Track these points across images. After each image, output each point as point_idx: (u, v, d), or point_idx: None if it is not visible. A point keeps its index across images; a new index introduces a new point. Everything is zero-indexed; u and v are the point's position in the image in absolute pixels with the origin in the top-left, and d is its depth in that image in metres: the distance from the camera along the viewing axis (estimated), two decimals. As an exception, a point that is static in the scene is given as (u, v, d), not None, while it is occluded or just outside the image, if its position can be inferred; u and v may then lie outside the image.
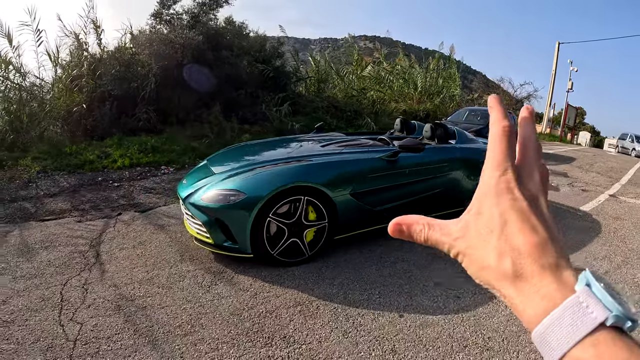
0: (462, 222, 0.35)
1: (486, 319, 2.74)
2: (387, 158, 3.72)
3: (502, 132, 0.36)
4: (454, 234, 0.35)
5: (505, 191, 0.33)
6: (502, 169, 0.34)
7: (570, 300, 0.28)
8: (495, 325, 2.67)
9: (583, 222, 5.19)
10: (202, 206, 3.06)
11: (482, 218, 0.33)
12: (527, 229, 0.31)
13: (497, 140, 0.35)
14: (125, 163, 6.19)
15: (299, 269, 3.18)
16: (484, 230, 0.33)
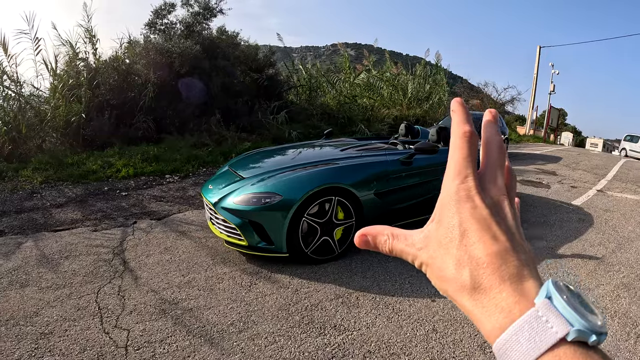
0: (424, 232, 0.34)
1: None
2: (404, 160, 3.85)
3: (462, 137, 0.34)
4: (417, 244, 0.34)
5: (465, 199, 0.31)
6: (462, 176, 0.32)
7: (528, 315, 0.26)
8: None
9: (576, 214, 5.42)
10: (235, 209, 3.09)
11: (442, 227, 0.32)
12: (487, 238, 0.29)
13: (457, 145, 0.34)
14: (130, 172, 6.12)
15: (330, 265, 3.23)
16: (444, 239, 0.31)
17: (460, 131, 0.34)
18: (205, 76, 8.37)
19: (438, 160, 4.16)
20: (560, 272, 3.41)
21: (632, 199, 6.86)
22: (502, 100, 24.96)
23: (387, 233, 0.36)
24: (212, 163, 7.20)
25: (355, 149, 4.16)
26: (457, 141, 0.34)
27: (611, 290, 3.20)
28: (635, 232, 4.84)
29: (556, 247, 4.07)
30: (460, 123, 0.35)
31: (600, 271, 3.56)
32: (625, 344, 2.47)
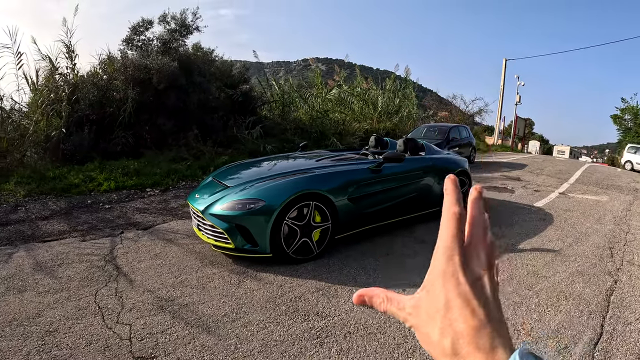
0: (414, 300, 0.37)
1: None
2: (374, 168, 4.23)
3: (452, 217, 0.38)
4: (407, 309, 0.37)
5: (452, 277, 0.35)
6: (450, 254, 0.36)
7: None
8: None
9: (537, 215, 5.94)
10: (222, 215, 3.36)
11: (430, 299, 0.36)
12: (467, 313, 0.33)
13: (447, 225, 0.37)
14: (111, 186, 6.23)
15: (310, 264, 3.54)
16: (431, 310, 0.35)
17: (450, 212, 0.38)
18: (182, 92, 8.56)
19: (404, 168, 4.58)
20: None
21: (592, 199, 7.47)
22: (470, 111, 26.01)
23: (382, 296, 0.40)
24: (191, 177, 7.38)
25: (330, 159, 4.52)
26: (447, 221, 0.38)
27: (567, 277, 3.63)
28: (592, 228, 5.37)
29: (516, 244, 4.51)
30: (452, 204, 0.38)
31: (557, 262, 4.01)
32: (579, 319, 2.89)
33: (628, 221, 5.95)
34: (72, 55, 7.92)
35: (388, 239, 4.40)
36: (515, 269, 3.74)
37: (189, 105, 8.86)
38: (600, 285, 3.50)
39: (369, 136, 11.97)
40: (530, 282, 3.46)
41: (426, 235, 4.66)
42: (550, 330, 2.70)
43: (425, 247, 4.23)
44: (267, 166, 4.45)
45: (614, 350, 2.53)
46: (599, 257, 4.23)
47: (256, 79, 11.98)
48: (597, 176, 11.46)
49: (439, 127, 11.46)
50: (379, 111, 13.71)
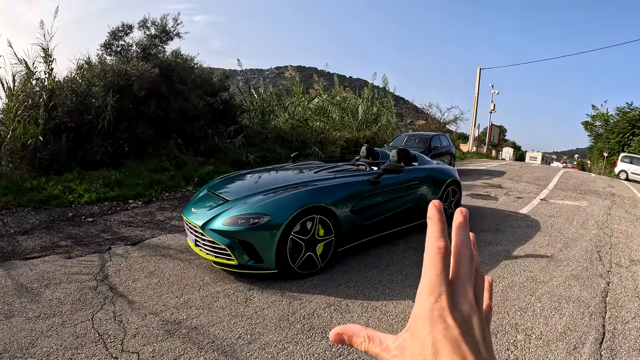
0: (399, 341, 0.35)
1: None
2: (374, 179, 4.20)
3: (437, 253, 0.35)
4: (392, 350, 0.35)
5: (439, 319, 0.33)
6: (436, 294, 0.33)
7: None
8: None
9: (524, 221, 6.10)
10: (224, 230, 3.22)
11: (416, 342, 0.33)
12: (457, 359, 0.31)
13: (432, 261, 0.35)
14: (92, 198, 5.90)
15: (315, 279, 3.44)
16: (417, 355, 0.32)
17: (435, 247, 0.35)
18: (163, 100, 8.27)
19: (402, 179, 4.57)
20: None
21: (572, 204, 7.75)
22: (445, 119, 26.47)
23: (363, 335, 0.37)
24: (175, 188, 7.11)
25: (327, 170, 4.44)
26: (432, 257, 0.35)
27: (563, 281, 3.72)
28: (578, 232, 5.56)
29: (510, 250, 4.59)
30: (435, 238, 0.35)
31: (551, 266, 4.10)
32: (582, 321, 2.95)
33: (610, 225, 6.19)
34: (49, 59, 7.49)
35: (384, 249, 4.37)
36: (515, 276, 3.79)
37: (170, 114, 8.57)
38: (595, 287, 3.61)
39: (350, 145, 12.13)
40: (531, 288, 3.51)
41: (421, 245, 4.64)
42: (558, 334, 2.75)
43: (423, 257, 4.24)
44: (263, 178, 4.34)
45: (618, 348, 2.62)
46: (588, 260, 4.37)
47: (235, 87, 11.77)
48: (574, 182, 11.86)
49: (420, 136, 11.55)
50: (359, 120, 13.75)
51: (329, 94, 14.01)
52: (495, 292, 3.40)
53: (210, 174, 7.34)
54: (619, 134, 28.92)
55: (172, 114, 8.61)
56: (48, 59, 7.47)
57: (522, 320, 2.91)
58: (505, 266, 4.04)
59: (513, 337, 2.68)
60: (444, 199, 5.33)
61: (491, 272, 3.88)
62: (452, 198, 5.54)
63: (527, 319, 2.94)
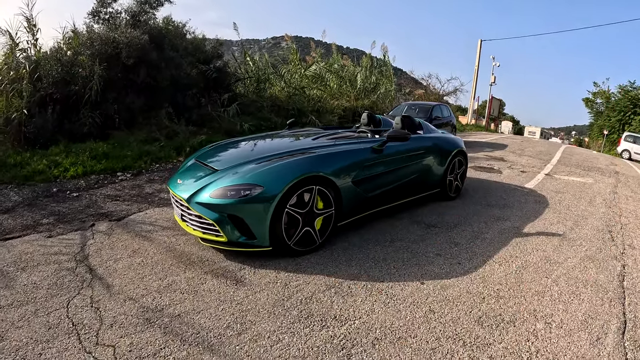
0: None
1: (489, 276, 2.96)
2: (377, 147, 3.77)
3: None
4: None
5: None
6: None
7: None
8: (497, 280, 2.90)
9: (531, 196, 5.77)
10: (212, 204, 2.82)
11: None
12: None
13: None
14: (79, 171, 5.47)
15: (313, 256, 3.09)
16: None
17: None
18: (153, 68, 7.69)
19: (407, 148, 4.16)
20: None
21: (577, 181, 7.45)
22: (445, 91, 25.65)
23: None
24: (166, 159, 6.68)
25: (326, 137, 3.98)
26: None
27: (578, 262, 3.41)
28: (587, 210, 5.25)
29: (520, 227, 4.26)
30: None
31: (564, 246, 3.78)
32: (602, 308, 2.65)
33: (618, 204, 5.88)
34: (33, 29, 6.85)
35: (388, 223, 4.02)
36: (528, 255, 3.47)
37: (161, 82, 7.99)
38: (611, 270, 3.30)
39: (348, 114, 11.59)
40: (546, 269, 3.20)
41: (427, 218, 4.32)
42: (579, 322, 2.44)
43: (429, 232, 3.89)
44: (258, 145, 3.89)
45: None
46: (601, 240, 4.06)
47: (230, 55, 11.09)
48: (577, 158, 11.55)
49: (421, 106, 11.02)
50: (357, 88, 13.08)
51: (327, 62, 13.26)
52: (509, 273, 3.08)
53: (203, 144, 6.86)
54: (620, 112, 28.34)
55: (163, 82, 8.03)
56: (32, 29, 6.83)
57: (541, 306, 2.60)
58: (517, 244, 3.71)
59: (532, 326, 2.36)
60: (450, 170, 4.94)
61: (503, 250, 3.55)
62: (459, 170, 5.15)
63: (545, 304, 2.63)
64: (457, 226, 4.11)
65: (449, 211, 4.65)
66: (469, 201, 5.20)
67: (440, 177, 4.79)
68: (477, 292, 2.70)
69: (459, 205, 4.97)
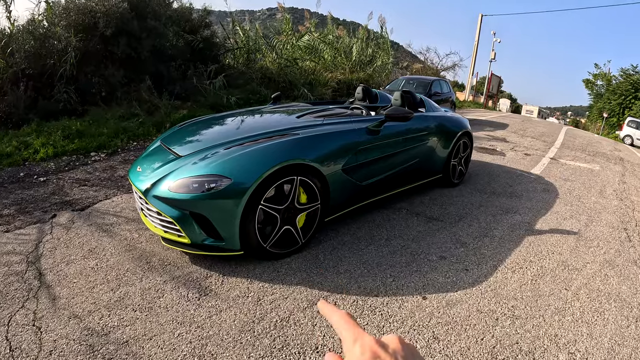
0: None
1: (501, 287, 2.52)
2: (374, 128, 3.23)
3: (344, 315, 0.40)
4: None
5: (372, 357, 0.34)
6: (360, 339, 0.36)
7: None
8: (512, 293, 2.46)
9: (539, 184, 5.32)
10: (171, 198, 2.33)
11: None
12: None
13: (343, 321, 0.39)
14: (49, 153, 4.94)
15: (295, 260, 2.64)
16: None
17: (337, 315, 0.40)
18: (133, 39, 7.00)
19: (408, 128, 3.64)
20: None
21: (584, 167, 7.02)
22: (443, 66, 24.60)
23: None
24: (144, 136, 6.13)
25: (313, 115, 3.42)
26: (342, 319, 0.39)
27: (598, 269, 2.98)
28: (599, 203, 4.83)
29: (532, 222, 3.82)
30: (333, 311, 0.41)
31: (581, 247, 3.36)
32: (627, 330, 2.22)
33: (629, 196, 5.45)
34: (6, 1, 6.15)
35: (383, 216, 3.56)
36: (543, 259, 3.02)
37: (142, 53, 7.33)
38: (632, 279, 2.88)
39: (343, 87, 10.91)
40: (564, 278, 2.77)
41: (427, 209, 3.85)
42: (605, 351, 2.02)
43: (431, 226, 3.43)
44: (232, 125, 3.32)
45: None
46: (618, 241, 3.63)
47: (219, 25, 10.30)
48: (580, 141, 11.10)
49: (419, 80, 10.35)
50: (352, 61, 12.29)
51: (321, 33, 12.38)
52: (524, 283, 2.64)
53: (185, 119, 6.32)
54: (621, 96, 27.52)
55: (144, 53, 7.36)
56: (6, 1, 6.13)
57: (562, 330, 2.17)
58: (530, 245, 3.27)
59: (554, 358, 1.94)
60: (455, 154, 4.43)
61: (515, 252, 3.10)
62: (463, 153, 4.65)
63: (566, 327, 2.21)
64: (462, 219, 3.67)
65: (452, 200, 4.20)
66: (473, 188, 4.74)
67: (443, 162, 4.29)
68: (489, 310, 2.26)
69: (463, 193, 4.52)
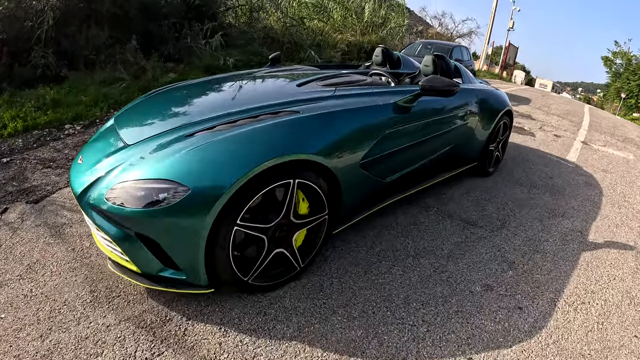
0: None
1: (565, 337, 1.84)
2: (404, 104, 2.34)
3: None
4: None
5: None
6: None
7: None
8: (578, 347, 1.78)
9: (579, 175, 4.56)
10: (110, 211, 1.56)
11: None
12: None
13: None
14: (18, 127, 4.21)
15: (289, 293, 1.93)
16: None
17: None
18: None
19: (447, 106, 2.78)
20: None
21: (618, 156, 6.21)
22: (459, 32, 22.71)
23: None
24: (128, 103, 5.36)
25: (320, 82, 2.46)
26: None
27: None
28: None
29: (584, 231, 3.05)
30: None
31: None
32: None
33: None
34: None
35: (407, 217, 2.81)
36: (606, 289, 2.28)
37: (129, 11, 6.41)
38: None
39: (353, 50, 9.82)
40: (632, 319, 2.04)
41: (461, 209, 3.09)
42: None
43: (469, 236, 2.68)
44: (209, 96, 2.41)
45: None
46: None
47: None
48: (606, 123, 10.10)
49: (439, 45, 9.22)
50: (364, 21, 11.05)
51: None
52: (590, 329, 1.93)
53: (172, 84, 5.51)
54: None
55: (132, 11, 6.45)
56: None
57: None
58: (587, 266, 2.52)
59: None
60: (493, 137, 3.61)
61: (574, 277, 2.37)
62: (502, 136, 3.81)
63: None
64: (505, 225, 2.93)
65: (488, 196, 3.44)
66: (510, 179, 3.97)
67: (481, 147, 3.47)
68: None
69: (499, 185, 3.75)
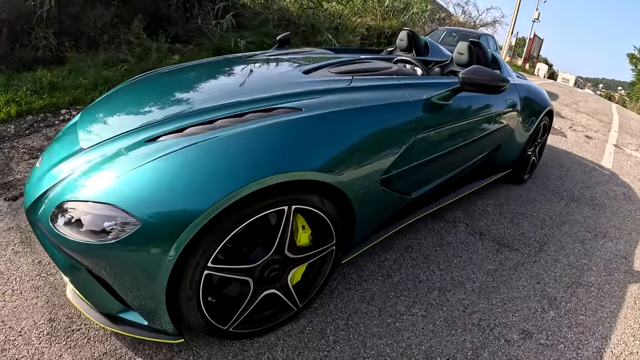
0: None
1: None
2: (439, 101, 1.84)
3: None
4: None
5: None
6: None
7: None
8: None
9: (616, 186, 4.06)
10: (53, 237, 1.20)
11: None
12: None
13: None
14: (12, 112, 3.93)
15: (283, 339, 1.56)
16: None
17: None
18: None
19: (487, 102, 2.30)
20: None
21: None
22: (482, 21, 21.47)
23: None
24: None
25: (333, 69, 1.94)
26: None
27: None
28: None
29: (628, 256, 2.60)
30: None
31: None
32: None
33: None
34: None
35: (432, 235, 2.40)
36: None
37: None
38: None
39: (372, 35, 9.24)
40: None
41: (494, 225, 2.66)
42: None
43: (504, 262, 2.26)
44: (191, 86, 1.87)
45: None
46: None
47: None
48: (635, 125, 9.46)
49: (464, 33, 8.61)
50: (385, 5, 10.36)
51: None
52: None
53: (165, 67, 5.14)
54: None
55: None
56: None
57: None
58: (635, 304, 2.09)
59: None
60: (532, 140, 3.10)
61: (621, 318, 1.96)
62: (540, 139, 3.32)
63: None
64: (544, 248, 2.49)
65: (524, 209, 2.99)
66: (546, 188, 3.51)
67: (519, 152, 2.97)
68: None
69: (535, 195, 3.31)
